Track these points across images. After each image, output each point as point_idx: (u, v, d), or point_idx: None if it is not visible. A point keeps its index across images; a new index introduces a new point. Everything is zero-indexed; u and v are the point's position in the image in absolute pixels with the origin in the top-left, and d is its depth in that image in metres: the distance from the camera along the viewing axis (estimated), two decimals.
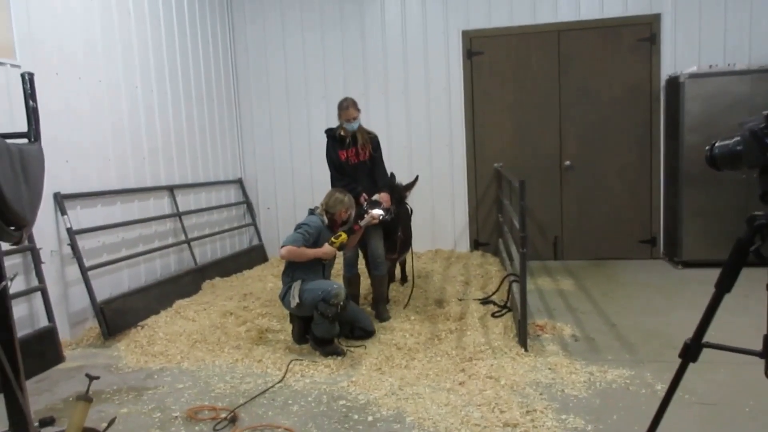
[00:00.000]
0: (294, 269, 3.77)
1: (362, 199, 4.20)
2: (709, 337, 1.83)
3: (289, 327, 4.12)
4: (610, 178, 6.24)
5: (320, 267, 3.80)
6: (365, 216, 4.04)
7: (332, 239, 3.77)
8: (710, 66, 5.63)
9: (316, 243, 3.76)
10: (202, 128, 6.27)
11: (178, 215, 5.61)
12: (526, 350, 3.50)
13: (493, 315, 4.25)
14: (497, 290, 4.82)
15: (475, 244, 6.68)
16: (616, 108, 6.16)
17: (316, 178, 6.83)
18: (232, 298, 5.10)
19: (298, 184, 7.08)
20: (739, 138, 1.73)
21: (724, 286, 1.78)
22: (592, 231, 6.33)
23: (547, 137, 6.34)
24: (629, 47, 6.07)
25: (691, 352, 1.86)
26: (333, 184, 4.31)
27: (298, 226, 3.76)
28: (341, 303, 3.58)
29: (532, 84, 6.31)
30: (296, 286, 3.70)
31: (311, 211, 3.94)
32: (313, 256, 3.68)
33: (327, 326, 3.61)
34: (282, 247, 3.62)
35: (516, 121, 6.40)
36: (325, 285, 3.64)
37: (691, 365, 1.87)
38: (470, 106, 6.50)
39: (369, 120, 6.53)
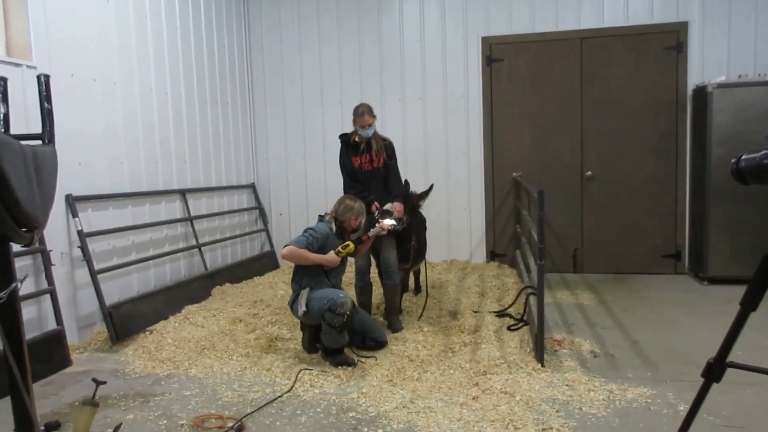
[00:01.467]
0: (302, 276, 3.78)
1: (374, 207, 4.20)
2: (734, 356, 1.80)
3: (299, 335, 4.13)
4: (633, 189, 6.18)
5: (323, 274, 3.80)
6: (375, 226, 4.04)
7: (339, 248, 3.77)
8: (739, 76, 5.56)
9: (323, 250, 3.76)
10: (216, 132, 6.34)
11: (190, 220, 5.67)
12: (542, 365, 3.47)
13: (509, 328, 4.22)
14: (514, 303, 4.78)
15: (492, 255, 6.64)
16: (641, 118, 6.10)
17: (330, 184, 6.86)
18: (242, 305, 5.13)
19: (311, 190, 7.12)
20: (766, 151, 1.70)
21: (749, 304, 1.75)
22: (614, 244, 6.26)
23: (567, 147, 6.30)
24: (655, 55, 6.03)
25: (714, 371, 1.82)
26: (345, 191, 4.33)
27: (305, 230, 3.78)
28: (348, 313, 3.58)
29: (553, 92, 6.29)
30: (304, 294, 3.70)
31: (320, 218, 3.95)
32: (315, 262, 3.69)
33: (335, 336, 3.61)
34: (285, 246, 3.65)
35: (536, 129, 6.37)
36: (332, 294, 3.64)
37: (717, 386, 1.83)
38: (489, 113, 6.49)
39: (385, 126, 6.56)
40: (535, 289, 4.07)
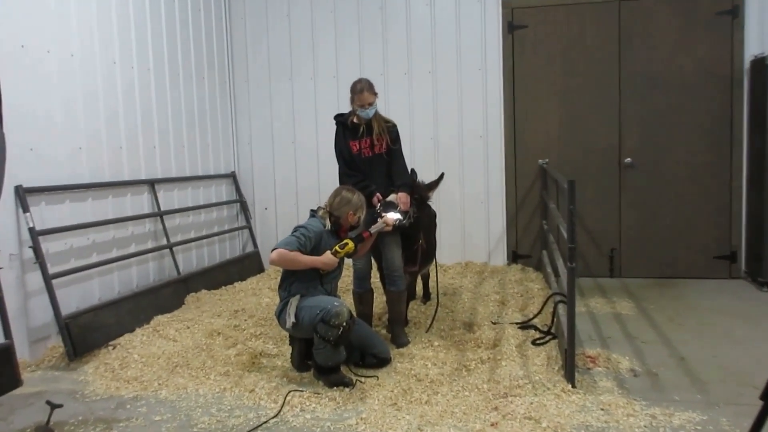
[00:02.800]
0: (291, 282, 3.78)
1: (375, 200, 4.20)
2: None
3: (287, 351, 4.13)
4: (679, 179, 6.16)
5: (318, 278, 3.80)
6: (377, 221, 4.03)
7: (336, 248, 3.76)
8: None
9: (316, 251, 3.75)
10: (190, 112, 6.34)
11: (160, 215, 5.67)
12: (573, 386, 3.46)
13: (534, 342, 4.22)
14: (539, 312, 4.78)
15: (514, 257, 6.63)
16: (689, 95, 6.07)
17: (324, 172, 6.85)
18: (221, 315, 5.13)
19: (302, 180, 7.12)
20: None
21: None
22: (657, 243, 6.24)
23: (603, 129, 6.28)
24: (706, 22, 5.99)
25: None
26: (341, 181, 4.32)
27: (295, 229, 3.78)
28: (344, 325, 3.57)
29: (585, 65, 6.26)
30: (293, 303, 3.70)
31: (313, 213, 3.94)
32: (308, 265, 3.68)
33: (329, 352, 3.60)
34: (273, 250, 3.63)
35: (566, 109, 6.35)
36: (325, 302, 3.63)
37: None
38: (510, 90, 6.47)
39: (388, 106, 6.55)
40: (564, 297, 4.05)
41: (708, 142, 6.09)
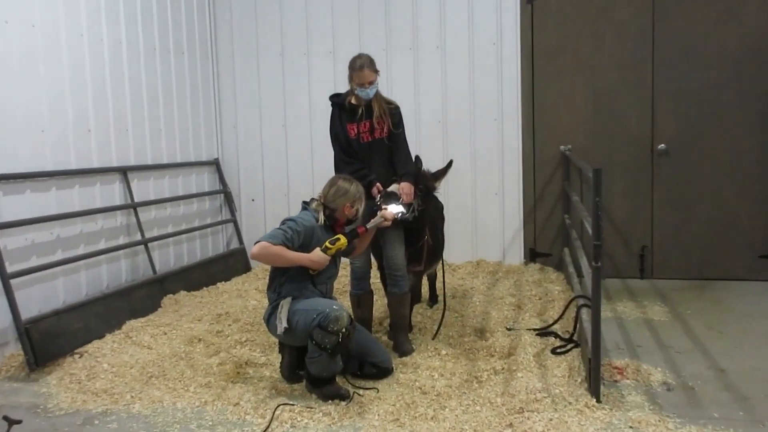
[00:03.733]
0: (281, 282, 3.77)
1: (375, 190, 4.18)
2: None
3: (276, 359, 4.12)
4: (720, 169, 6.13)
5: (309, 279, 3.78)
6: (377, 214, 4.01)
7: (326, 244, 3.74)
8: None
9: (307, 248, 3.73)
10: (168, 92, 6.32)
11: (133, 207, 5.67)
12: (598, 401, 3.44)
13: (554, 351, 4.21)
14: (560, 318, 4.77)
15: (532, 255, 6.62)
16: (733, 72, 6.03)
17: (318, 160, 6.84)
18: (202, 320, 5.14)
19: (293, 169, 7.11)
20: None
21: None
22: (694, 240, 6.22)
23: (633, 111, 6.24)
24: None
25: None
26: (338, 169, 4.30)
27: (283, 222, 3.76)
28: (344, 331, 3.56)
29: (615, 38, 6.23)
30: (284, 306, 3.69)
31: (305, 205, 3.92)
32: (294, 262, 3.67)
33: (325, 361, 3.60)
34: (256, 243, 3.62)
35: (591, 89, 6.32)
36: (323, 305, 3.62)
37: None
38: (529, 67, 6.44)
39: (391, 85, 6.53)
40: (588, 300, 4.03)
41: (753, 127, 6.04)
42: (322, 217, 3.83)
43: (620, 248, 6.35)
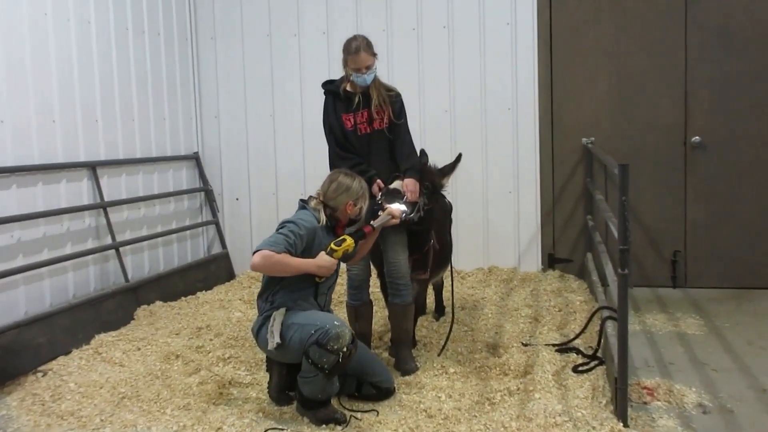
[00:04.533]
0: (276, 291, 3.74)
1: (376, 188, 4.18)
2: None
3: (263, 378, 4.11)
4: (762, 164, 6.13)
5: (313, 288, 3.78)
6: (379, 213, 4.00)
7: (332, 246, 3.73)
8: None
9: (308, 253, 3.74)
10: (142, 78, 6.32)
11: (103, 207, 5.66)
12: (626, 425, 3.43)
13: (575, 369, 4.21)
14: (583, 331, 4.76)
15: (550, 261, 6.62)
16: None
17: (311, 154, 6.83)
18: (180, 334, 5.13)
19: (283, 164, 7.11)
20: None
21: None
22: (733, 244, 6.22)
23: (664, 100, 6.24)
24: None
25: None
26: (333, 164, 4.30)
27: (282, 225, 3.74)
28: (345, 350, 3.55)
29: (643, 17, 6.23)
30: (277, 318, 3.67)
31: (303, 204, 3.91)
32: (300, 270, 3.65)
33: (320, 382, 3.58)
34: (255, 252, 3.59)
35: (617, 74, 6.32)
36: (322, 320, 3.60)
37: None
38: (547, 51, 6.44)
39: (391, 70, 6.52)
40: (614, 312, 4.03)
41: None
42: (323, 217, 3.81)
43: (650, 253, 6.34)
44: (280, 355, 3.75)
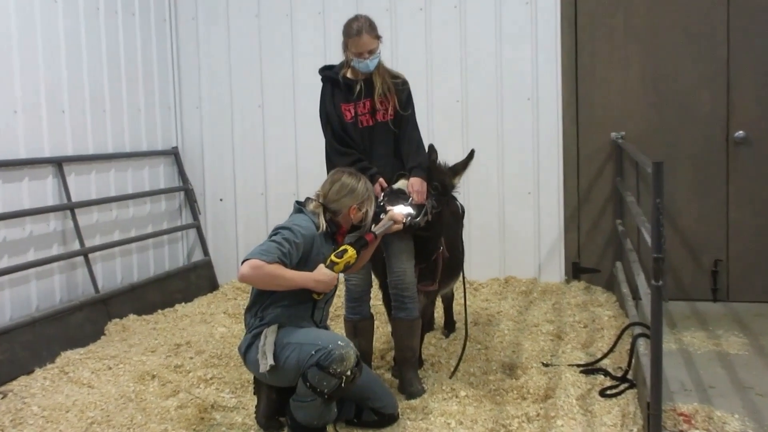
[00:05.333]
0: (266, 305, 3.73)
1: (378, 187, 4.19)
2: None
3: (251, 402, 4.12)
4: None
5: (310, 304, 3.77)
6: (381, 218, 3.99)
7: (332, 258, 3.70)
8: None
9: (304, 263, 3.71)
10: (115, 64, 6.33)
11: (70, 208, 5.67)
12: None
13: (603, 393, 4.21)
14: (611, 350, 4.77)
15: (575, 271, 6.63)
16: None
17: (305, 149, 6.84)
18: (156, 351, 5.13)
19: (273, 160, 7.13)
20: None
21: None
22: None
23: (704, 89, 6.23)
24: None
25: None
26: (329, 160, 4.31)
27: (275, 231, 3.70)
28: (348, 374, 3.55)
29: None
30: (269, 336, 3.64)
31: (299, 207, 3.89)
32: (295, 285, 3.62)
33: (317, 408, 3.58)
34: (244, 261, 3.58)
35: (650, 59, 6.32)
36: (324, 338, 3.60)
37: None
38: (571, 32, 6.45)
39: (396, 54, 6.53)
40: (647, 329, 4.03)
41: None
42: (323, 223, 3.78)
43: (688, 263, 6.34)
44: (273, 378, 3.70)
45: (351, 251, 3.72)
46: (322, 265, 3.67)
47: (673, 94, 6.31)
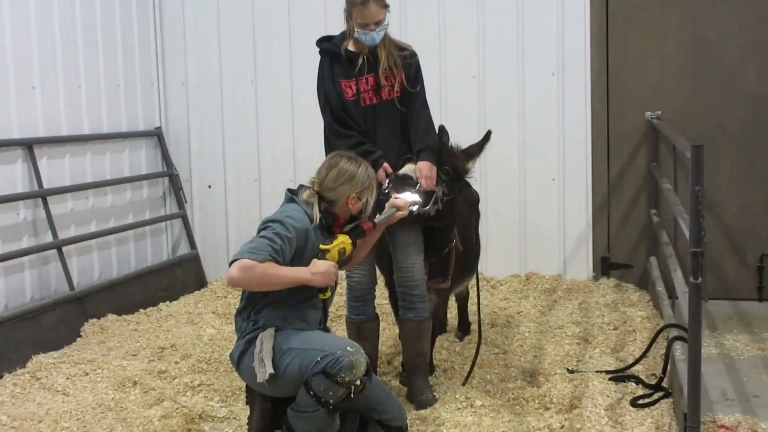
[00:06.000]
0: (260, 307, 3.71)
1: (382, 173, 4.18)
2: None
3: (243, 412, 4.13)
4: None
5: (307, 302, 3.76)
6: (383, 207, 3.98)
7: (321, 247, 3.66)
8: None
9: (299, 259, 3.69)
10: (90, 33, 6.32)
11: (42, 196, 5.68)
12: None
13: (634, 403, 4.21)
14: (644, 355, 4.77)
15: (605, 267, 6.63)
16: None
17: (302, 129, 6.84)
18: (138, 355, 5.15)
19: (267, 142, 7.14)
20: None
21: None
22: None
23: (750, 63, 6.22)
24: None
25: None
26: (329, 143, 4.31)
27: (264, 225, 3.69)
28: (357, 383, 3.53)
29: None
30: (266, 342, 3.62)
31: (291, 195, 3.88)
32: (292, 281, 3.61)
33: (320, 419, 3.56)
34: (232, 261, 3.57)
35: (690, 29, 6.30)
36: (331, 343, 3.58)
37: None
38: (601, 0, 6.47)
39: (405, 25, 6.52)
40: (684, 331, 4.03)
41: None
42: (317, 214, 3.74)
43: (730, 258, 6.34)
44: (271, 388, 3.67)
45: (347, 242, 3.69)
46: (315, 259, 3.64)
47: (715, 69, 6.29)
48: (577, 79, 6.54)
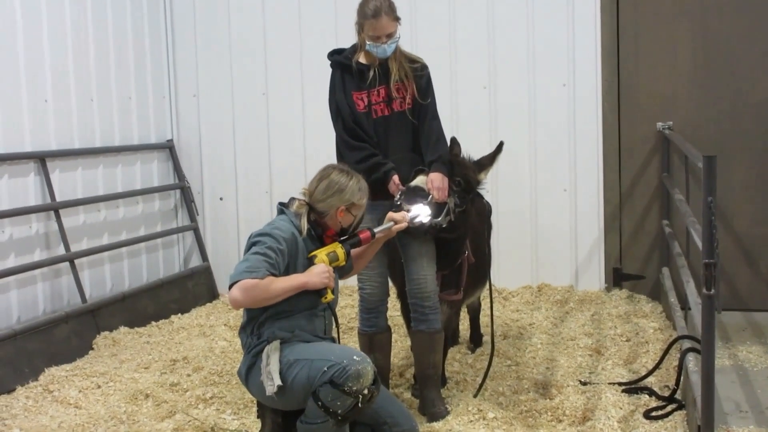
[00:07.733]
0: (262, 320, 3.68)
1: (394, 185, 4.19)
2: None
3: (254, 425, 4.13)
4: None
5: (309, 311, 3.75)
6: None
7: (310, 254, 3.68)
8: None
9: (294, 269, 3.68)
10: (103, 47, 6.34)
11: (55, 209, 5.70)
12: None
13: (647, 415, 4.19)
14: (657, 367, 4.76)
15: (617, 278, 6.61)
16: None
17: (314, 142, 6.85)
18: (150, 368, 5.15)
19: (279, 155, 7.14)
20: None
21: None
22: None
23: (763, 72, 6.21)
24: None
25: None
26: (341, 155, 4.32)
27: (254, 241, 3.61)
28: (365, 392, 3.53)
29: None
30: (272, 354, 3.62)
31: (282, 208, 3.86)
32: (292, 289, 3.60)
33: (330, 431, 3.58)
34: (232, 285, 3.55)
35: (703, 37, 6.30)
36: (338, 353, 3.58)
37: None
38: (612, 8, 6.43)
39: (415, 37, 6.52)
40: (698, 343, 4.02)
41: None
42: (305, 224, 3.73)
43: (744, 268, 6.32)
44: (280, 401, 3.66)
45: (338, 249, 3.71)
46: (313, 265, 3.66)
47: (728, 78, 6.28)
48: (588, 89, 6.53)
